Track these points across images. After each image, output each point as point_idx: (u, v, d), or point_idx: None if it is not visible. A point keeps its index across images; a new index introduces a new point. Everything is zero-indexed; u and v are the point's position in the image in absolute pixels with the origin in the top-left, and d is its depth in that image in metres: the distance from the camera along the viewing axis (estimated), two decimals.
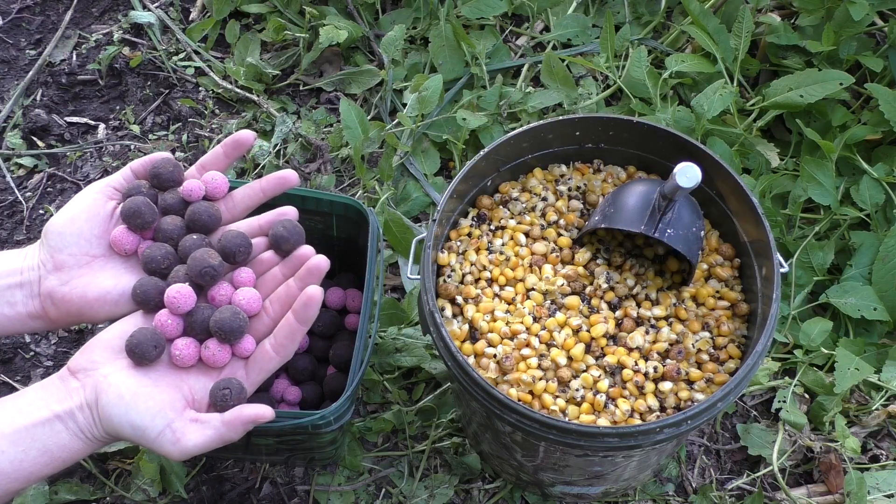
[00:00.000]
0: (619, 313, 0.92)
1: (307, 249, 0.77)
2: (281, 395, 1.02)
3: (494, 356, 0.89)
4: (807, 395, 1.12)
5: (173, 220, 0.80)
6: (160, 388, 0.71)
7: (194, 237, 0.78)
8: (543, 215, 0.98)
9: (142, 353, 0.71)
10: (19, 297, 0.76)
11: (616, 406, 0.87)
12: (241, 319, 0.74)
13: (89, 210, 0.77)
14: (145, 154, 1.34)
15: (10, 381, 1.16)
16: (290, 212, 0.80)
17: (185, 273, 0.76)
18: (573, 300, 0.92)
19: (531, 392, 0.87)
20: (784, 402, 1.11)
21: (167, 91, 1.41)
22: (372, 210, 0.97)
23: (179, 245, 0.79)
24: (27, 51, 1.46)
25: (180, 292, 0.74)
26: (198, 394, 0.73)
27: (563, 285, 0.92)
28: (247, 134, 0.82)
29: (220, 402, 0.73)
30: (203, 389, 0.73)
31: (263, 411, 0.72)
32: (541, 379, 0.87)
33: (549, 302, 0.92)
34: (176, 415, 0.70)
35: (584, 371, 0.88)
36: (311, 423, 0.84)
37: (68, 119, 1.39)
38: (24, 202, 1.30)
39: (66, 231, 0.76)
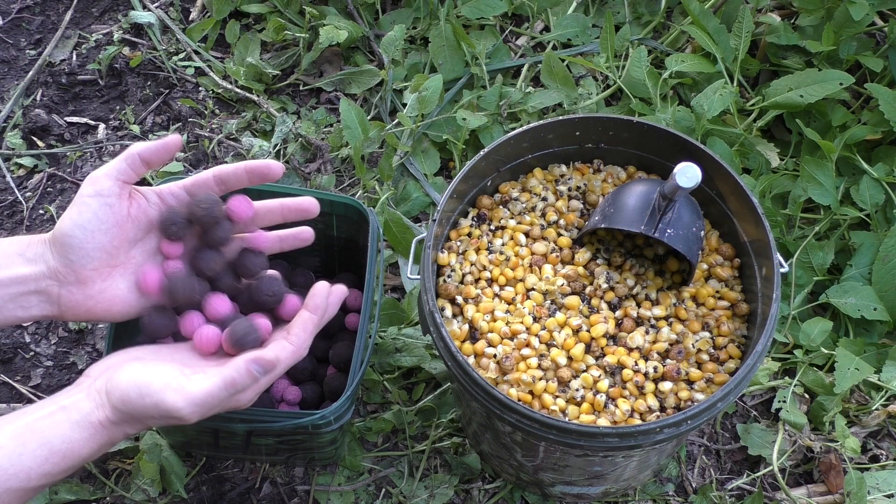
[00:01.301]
0: (619, 313, 0.92)
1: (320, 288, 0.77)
2: (281, 395, 1.02)
3: (494, 356, 0.89)
4: (807, 395, 1.12)
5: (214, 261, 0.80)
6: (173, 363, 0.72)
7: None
8: (543, 215, 0.98)
9: (177, 291, 0.75)
10: (34, 303, 0.74)
11: (616, 406, 0.87)
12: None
13: (107, 220, 0.74)
14: None
15: (10, 381, 1.16)
16: (306, 233, 0.81)
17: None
18: (573, 300, 0.92)
19: (531, 392, 0.87)
20: (784, 402, 1.11)
21: (167, 91, 1.41)
22: (372, 210, 0.97)
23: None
24: (27, 51, 1.46)
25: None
26: None
27: (563, 285, 0.92)
28: (277, 166, 0.79)
29: (239, 338, 0.73)
30: None
31: (268, 355, 0.70)
32: (541, 379, 0.87)
33: (549, 302, 0.92)
34: (182, 371, 0.70)
35: (584, 371, 0.88)
36: (311, 423, 0.84)
37: (68, 119, 1.38)
38: (24, 202, 1.30)
39: (87, 246, 0.73)
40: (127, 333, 0.95)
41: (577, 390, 0.87)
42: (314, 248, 1.08)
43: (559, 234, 0.97)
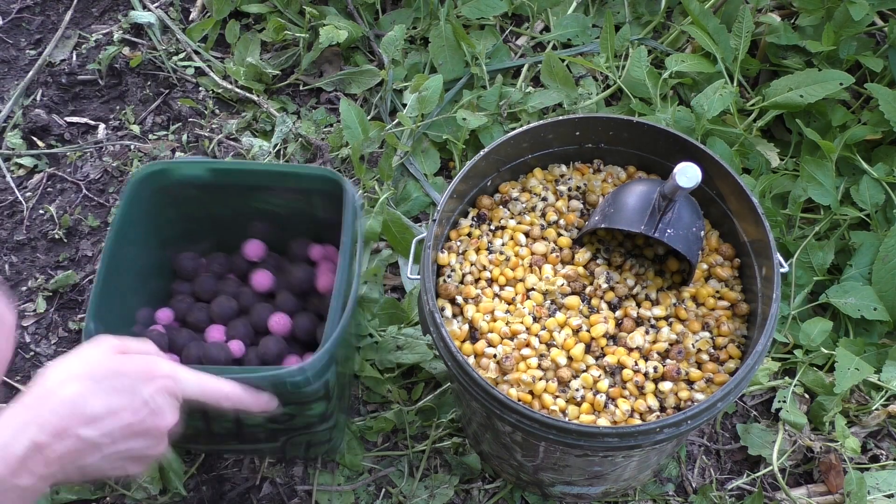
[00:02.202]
0: (619, 313, 0.92)
1: None
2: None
3: (494, 356, 0.89)
4: (807, 395, 1.12)
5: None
6: None
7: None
8: (543, 215, 0.98)
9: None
10: None
11: (616, 406, 0.87)
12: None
13: None
14: (145, 154, 1.34)
15: (10, 382, 1.16)
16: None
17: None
18: (573, 300, 0.92)
19: (531, 392, 0.87)
20: (784, 402, 1.11)
21: (167, 91, 1.41)
22: (348, 180, 0.96)
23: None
24: (27, 51, 1.46)
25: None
26: None
27: (563, 285, 0.92)
28: None
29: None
30: None
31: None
32: (541, 379, 0.87)
33: (549, 302, 0.92)
34: None
35: (584, 371, 0.88)
36: (289, 380, 0.83)
37: (68, 119, 1.39)
38: (24, 202, 1.30)
39: None
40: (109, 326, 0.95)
41: (577, 390, 0.87)
42: (301, 233, 1.08)
43: (559, 234, 0.97)
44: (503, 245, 0.96)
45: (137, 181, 0.98)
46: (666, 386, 0.87)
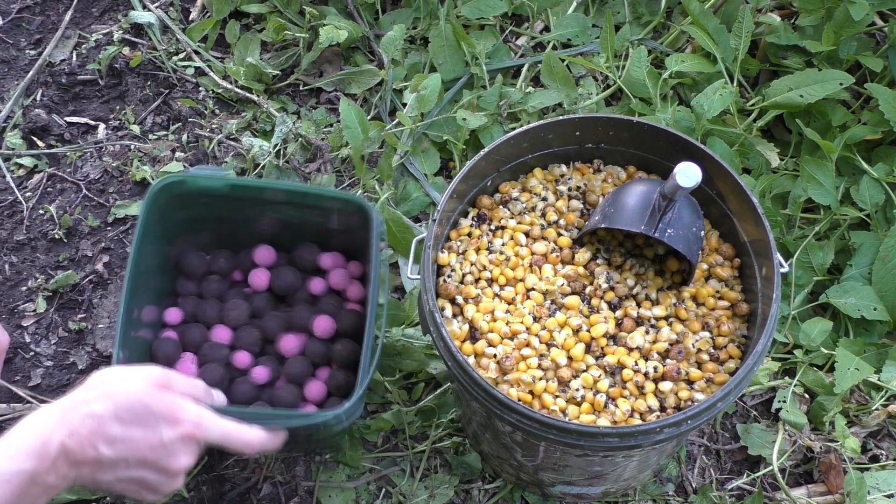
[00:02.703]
0: (619, 313, 0.92)
1: None
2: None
3: (494, 356, 0.89)
4: (807, 395, 1.12)
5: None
6: None
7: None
8: (543, 215, 0.98)
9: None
10: None
11: (616, 406, 0.87)
12: None
13: None
14: (145, 154, 1.34)
15: (8, 385, 1.16)
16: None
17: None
18: (573, 300, 0.92)
19: (531, 392, 0.87)
20: (784, 402, 1.11)
21: (167, 91, 1.41)
22: (374, 206, 0.96)
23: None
24: (27, 51, 1.46)
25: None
26: None
27: (563, 285, 0.92)
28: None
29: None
30: None
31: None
32: (541, 379, 0.88)
33: (549, 302, 0.92)
34: None
35: (584, 371, 0.88)
36: (325, 423, 0.84)
37: (68, 119, 1.38)
38: (24, 202, 1.30)
39: None
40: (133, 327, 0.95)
41: (577, 390, 0.87)
42: (310, 237, 1.07)
43: (559, 234, 0.97)
44: (503, 245, 0.96)
45: (154, 194, 0.96)
46: (666, 386, 0.87)
